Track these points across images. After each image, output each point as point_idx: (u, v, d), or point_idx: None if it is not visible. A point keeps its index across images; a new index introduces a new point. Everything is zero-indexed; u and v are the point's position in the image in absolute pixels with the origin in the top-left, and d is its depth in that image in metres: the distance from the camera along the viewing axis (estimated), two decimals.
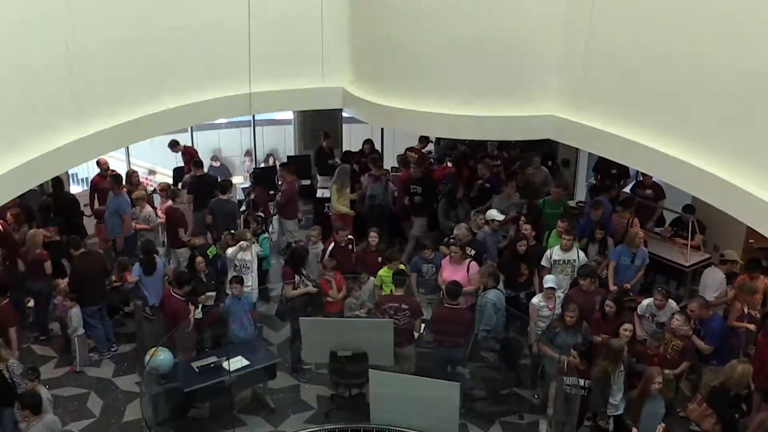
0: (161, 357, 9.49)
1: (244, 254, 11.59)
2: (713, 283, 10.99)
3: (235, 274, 11.34)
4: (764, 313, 10.50)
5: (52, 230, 12.93)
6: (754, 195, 6.92)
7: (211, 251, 11.78)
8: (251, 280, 11.53)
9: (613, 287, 11.34)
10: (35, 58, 7.94)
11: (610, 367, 9.09)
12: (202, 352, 10.74)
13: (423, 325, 10.91)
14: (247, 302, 10.95)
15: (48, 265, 11.89)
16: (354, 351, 10.32)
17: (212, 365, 10.12)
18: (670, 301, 10.34)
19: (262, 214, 13.21)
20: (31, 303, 12.97)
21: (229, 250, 11.61)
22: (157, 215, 13.50)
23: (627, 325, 9.62)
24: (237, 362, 10.22)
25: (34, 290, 12.11)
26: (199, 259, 11.22)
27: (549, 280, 10.48)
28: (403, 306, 10.45)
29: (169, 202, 13.31)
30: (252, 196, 14.54)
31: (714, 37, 7.30)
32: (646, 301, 10.47)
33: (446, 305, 10.30)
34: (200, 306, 10.88)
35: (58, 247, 12.53)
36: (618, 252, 11.65)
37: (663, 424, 8.43)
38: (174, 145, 15.60)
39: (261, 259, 12.35)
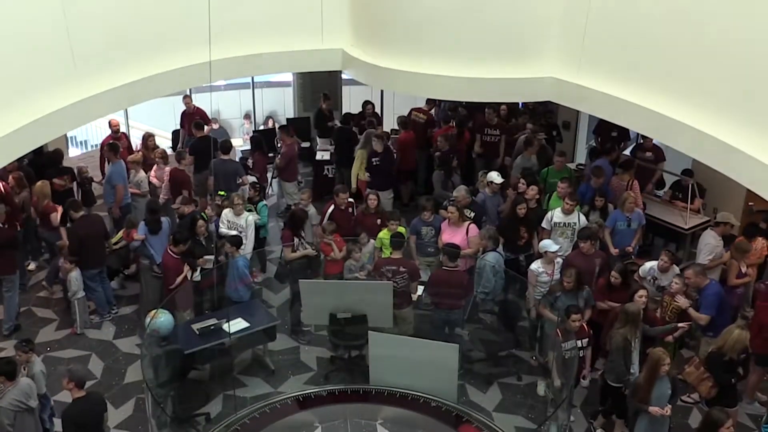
0: (162, 319, 9.52)
1: (238, 219, 11.58)
2: (706, 246, 11.02)
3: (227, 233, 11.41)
4: (759, 273, 10.55)
5: (65, 179, 13.10)
6: (754, 157, 6.88)
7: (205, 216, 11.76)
8: (246, 246, 11.47)
9: (614, 251, 11.39)
10: (31, 20, 7.86)
11: (629, 334, 8.94)
12: (201, 314, 10.78)
13: (422, 288, 10.95)
14: (240, 267, 10.87)
15: (54, 217, 12.12)
16: (353, 313, 10.37)
17: (212, 327, 10.15)
18: (674, 265, 10.36)
19: (259, 182, 13.15)
20: (32, 266, 13.05)
21: (248, 217, 11.59)
22: (150, 181, 13.48)
23: (642, 291, 9.49)
24: (237, 324, 10.24)
25: (45, 239, 12.27)
26: (200, 222, 11.22)
27: (547, 245, 10.46)
28: (401, 269, 10.47)
29: (167, 169, 13.32)
30: (250, 161, 14.49)
31: None
32: (648, 264, 10.49)
33: (444, 267, 10.32)
34: (199, 269, 10.91)
35: (70, 195, 12.81)
36: (613, 217, 11.67)
37: (669, 405, 8.27)
38: (186, 104, 15.58)
39: (259, 227, 12.34)
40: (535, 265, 10.50)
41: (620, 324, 9.02)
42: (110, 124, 14.59)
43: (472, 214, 11.75)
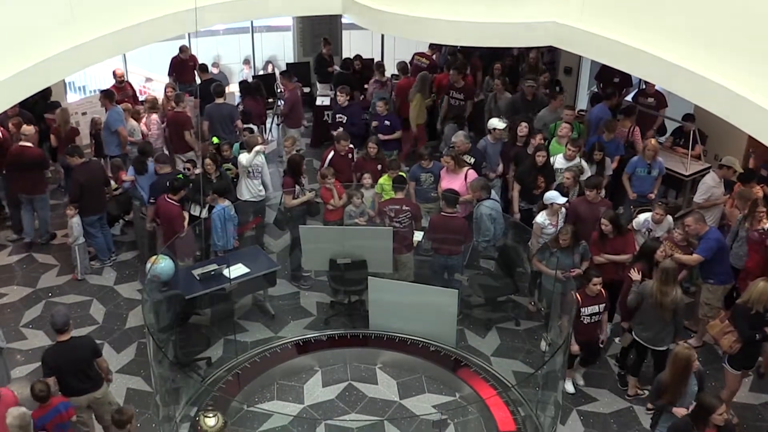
0: (162, 264, 9.54)
1: (258, 158, 11.50)
2: (702, 185, 11.04)
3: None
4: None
5: (57, 113, 13.15)
6: (755, 103, 6.85)
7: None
8: (264, 184, 11.65)
9: (632, 195, 11.47)
10: None
11: (665, 288, 8.68)
12: (203, 258, 10.81)
13: (421, 234, 10.97)
14: (228, 214, 10.80)
15: (79, 139, 12.64)
16: (353, 258, 10.41)
17: (213, 273, 10.19)
18: (668, 216, 10.35)
19: (253, 126, 13.05)
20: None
21: (243, 157, 11.44)
22: (141, 131, 13.48)
23: (662, 246, 9.44)
24: (237, 270, 10.29)
25: (67, 167, 12.33)
26: (208, 161, 11.20)
27: (553, 197, 10.24)
28: (404, 208, 10.48)
29: (153, 117, 13.25)
30: (240, 107, 14.39)
31: None
32: (642, 216, 10.45)
33: (443, 213, 10.32)
34: (206, 206, 10.94)
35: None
36: (634, 163, 11.65)
37: (694, 403, 7.58)
38: (182, 50, 15.44)
39: None
40: (541, 218, 10.36)
41: (658, 283, 8.69)
42: (114, 74, 14.51)
43: (473, 160, 11.71)
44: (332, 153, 12.07)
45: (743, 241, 9.95)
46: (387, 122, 13.20)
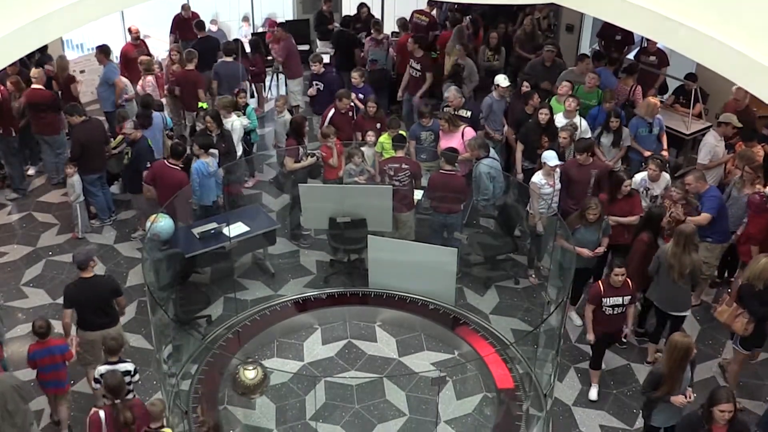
0: (162, 223, 9.54)
1: (224, 122, 11.51)
2: (705, 145, 10.98)
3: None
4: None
5: (52, 64, 13.25)
6: (757, 61, 6.79)
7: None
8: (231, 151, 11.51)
9: (647, 154, 11.36)
10: None
11: (682, 252, 8.59)
12: (202, 218, 10.82)
13: (421, 192, 10.96)
14: (207, 170, 10.66)
15: (75, 87, 12.81)
16: (353, 217, 10.42)
17: (212, 231, 10.21)
18: (664, 173, 10.31)
19: (245, 86, 12.93)
20: (31, 171, 13.06)
21: (234, 121, 11.51)
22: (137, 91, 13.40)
23: (674, 208, 9.48)
24: (237, 228, 10.32)
25: (67, 111, 12.14)
26: (208, 118, 11.21)
27: (547, 158, 10.11)
28: (404, 166, 10.45)
29: (149, 78, 13.21)
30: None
31: None
32: (639, 176, 10.37)
33: (442, 171, 10.30)
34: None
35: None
36: (634, 125, 11.58)
37: (690, 389, 7.48)
38: (184, 9, 15.29)
39: (248, 132, 12.31)
40: (537, 178, 10.24)
41: (675, 246, 8.62)
42: (130, 31, 14.42)
43: (468, 113, 11.68)
44: (332, 111, 12.01)
45: (734, 201, 9.92)
46: (360, 95, 12.72)
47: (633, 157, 11.55)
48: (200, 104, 12.44)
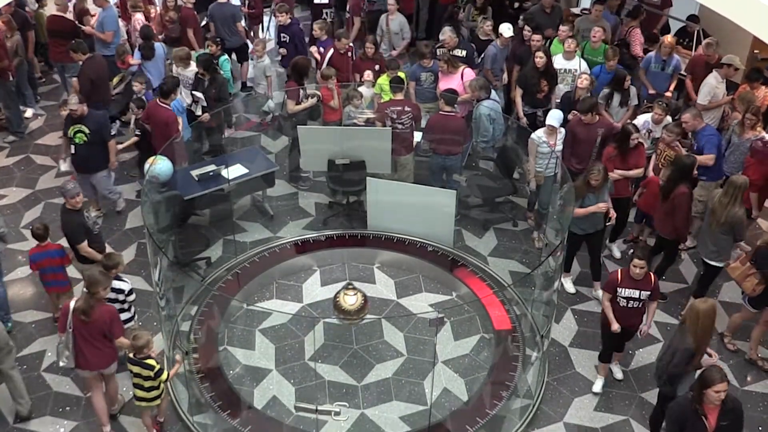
0: (160, 165, 9.52)
1: (185, 71, 11.43)
2: (705, 86, 10.87)
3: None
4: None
5: None
6: (760, 2, 6.70)
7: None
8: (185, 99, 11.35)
9: (651, 89, 11.35)
10: None
11: (727, 203, 8.51)
12: (199, 160, 10.80)
13: (420, 134, 10.92)
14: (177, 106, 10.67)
15: (88, 20, 13.19)
16: (352, 159, 10.40)
17: (211, 173, 10.20)
18: (668, 116, 10.25)
19: (219, 38, 12.74)
20: (29, 113, 13.00)
21: (189, 71, 11.45)
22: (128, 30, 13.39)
23: (668, 151, 9.48)
24: (235, 170, 10.30)
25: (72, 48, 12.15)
26: (198, 66, 11.29)
27: (552, 118, 9.78)
28: (406, 109, 10.39)
29: (137, 16, 13.10)
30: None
31: None
32: (642, 117, 10.31)
33: (441, 112, 10.24)
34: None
35: None
36: (649, 59, 11.57)
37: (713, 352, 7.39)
38: None
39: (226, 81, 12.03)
40: (536, 134, 9.90)
41: (724, 196, 8.52)
42: None
43: (464, 52, 11.58)
44: (331, 51, 11.90)
45: (735, 148, 9.88)
46: (321, 48, 12.45)
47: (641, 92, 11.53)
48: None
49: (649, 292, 7.85)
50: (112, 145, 10.22)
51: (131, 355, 7.30)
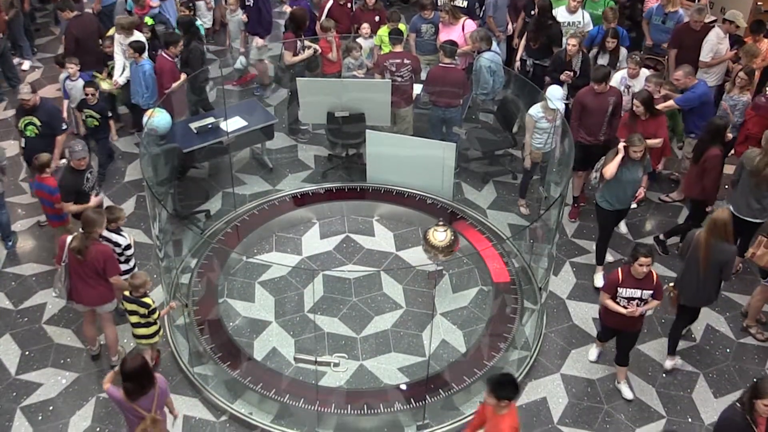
0: (159, 118, 9.48)
1: (126, 40, 10.64)
2: (707, 43, 10.74)
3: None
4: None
5: None
6: None
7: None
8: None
9: (649, 41, 11.29)
10: None
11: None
12: (197, 113, 10.75)
13: (420, 87, 10.85)
14: (147, 72, 10.42)
15: None
16: (351, 111, 10.34)
17: (210, 126, 10.16)
18: (643, 69, 10.11)
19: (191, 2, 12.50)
20: (25, 65, 12.91)
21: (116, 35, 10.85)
22: None
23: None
24: (234, 123, 10.26)
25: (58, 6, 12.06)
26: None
27: (553, 96, 9.31)
28: (405, 61, 10.29)
29: None
30: None
31: None
32: (619, 73, 10.12)
33: (441, 64, 10.15)
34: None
35: None
36: (650, 10, 11.48)
37: None
38: None
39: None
40: (534, 110, 9.45)
41: (765, 155, 8.36)
42: None
43: (465, 3, 11.47)
44: (331, 2, 11.77)
45: (731, 109, 9.70)
46: (295, 6, 11.81)
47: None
48: (147, 20, 11.76)
49: (651, 292, 7.45)
50: (59, 139, 9.44)
51: (128, 293, 7.48)
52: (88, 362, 8.15)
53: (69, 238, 7.46)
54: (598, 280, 9.16)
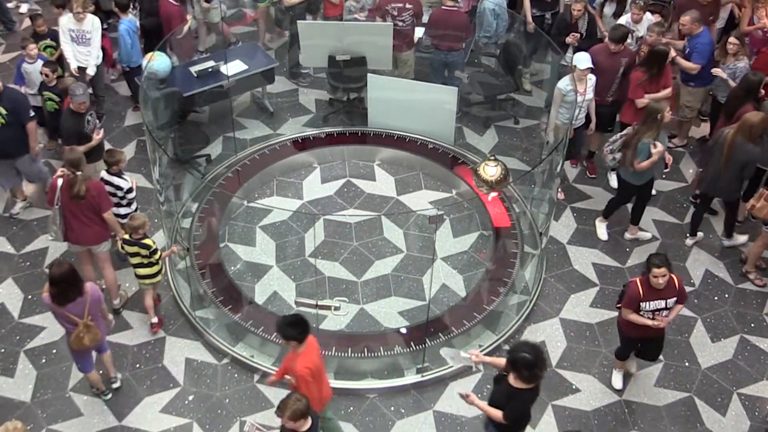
0: (159, 61, 9.40)
1: (81, 25, 9.87)
2: None
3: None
4: None
5: None
6: None
7: None
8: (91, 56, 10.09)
9: None
10: None
11: None
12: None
13: (422, 30, 10.73)
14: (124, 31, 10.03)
15: None
16: (352, 55, 10.26)
17: (210, 70, 10.09)
18: (647, 13, 9.94)
19: None
20: (23, 8, 12.74)
21: (62, 19, 10.05)
22: None
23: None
24: (235, 67, 10.18)
25: None
26: None
27: (581, 60, 8.78)
28: (407, 6, 10.15)
29: None
30: None
31: None
32: (623, 18, 9.98)
33: (444, 7, 10.02)
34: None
35: None
36: None
37: None
38: None
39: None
40: (563, 83, 8.91)
41: None
42: None
43: None
44: None
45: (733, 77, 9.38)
46: None
47: None
48: None
49: (674, 298, 6.91)
50: (31, 127, 8.71)
51: (127, 236, 7.52)
52: None
53: (60, 181, 7.46)
54: (602, 232, 9.16)
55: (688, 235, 9.11)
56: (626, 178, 8.61)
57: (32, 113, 8.79)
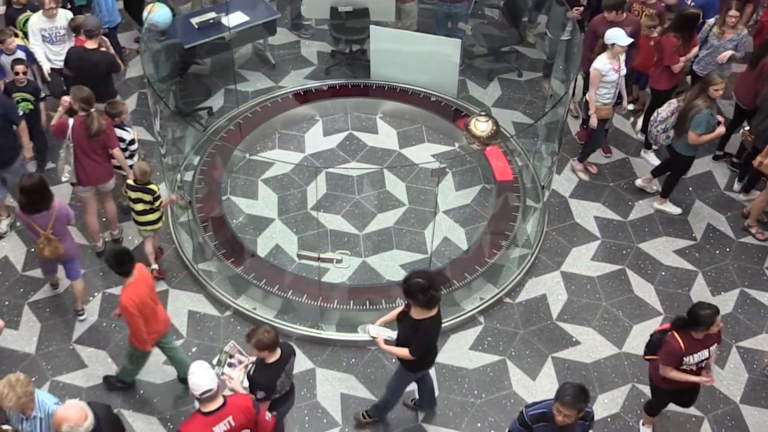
0: (159, 12, 9.31)
1: (53, 22, 9.10)
2: None
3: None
4: None
5: None
6: None
7: None
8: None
9: None
10: None
11: None
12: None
13: None
14: None
15: None
16: (355, 6, 10.16)
17: (211, 21, 10.00)
18: None
19: None
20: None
21: (31, 19, 9.14)
22: None
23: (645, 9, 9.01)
24: (236, 18, 10.09)
25: None
26: None
27: (614, 37, 8.37)
28: None
29: None
30: None
31: None
32: None
33: None
34: None
35: None
36: None
37: None
38: None
39: None
40: (600, 63, 8.46)
41: None
42: None
43: None
44: None
45: (714, 50, 9.10)
46: None
47: None
48: None
49: (715, 345, 6.28)
50: (23, 126, 8.21)
51: (131, 181, 7.60)
52: (93, 258, 8.26)
53: (71, 121, 7.50)
54: (673, 208, 8.96)
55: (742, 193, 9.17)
56: (682, 151, 8.43)
57: (21, 112, 8.34)
